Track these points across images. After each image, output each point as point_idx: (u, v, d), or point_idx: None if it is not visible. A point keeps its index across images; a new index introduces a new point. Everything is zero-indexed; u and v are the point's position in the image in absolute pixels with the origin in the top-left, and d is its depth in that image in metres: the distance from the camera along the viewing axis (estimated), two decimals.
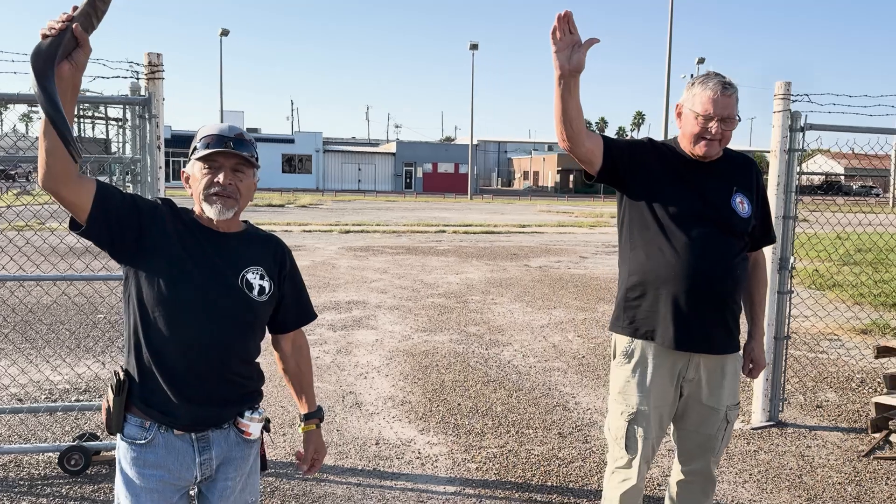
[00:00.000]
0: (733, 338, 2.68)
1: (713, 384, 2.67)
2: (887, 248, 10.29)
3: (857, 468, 4.23)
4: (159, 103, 3.99)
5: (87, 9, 1.71)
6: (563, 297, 9.86)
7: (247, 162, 2.01)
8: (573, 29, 2.29)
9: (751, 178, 2.73)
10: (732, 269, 2.60)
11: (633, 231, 2.67)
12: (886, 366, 6.26)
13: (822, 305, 7.94)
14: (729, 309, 2.62)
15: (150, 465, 1.97)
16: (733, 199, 2.62)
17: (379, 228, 21.07)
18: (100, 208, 1.85)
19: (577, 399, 5.40)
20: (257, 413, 2.09)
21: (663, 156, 2.66)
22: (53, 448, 4.01)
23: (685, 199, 2.59)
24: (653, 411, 2.65)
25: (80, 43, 1.70)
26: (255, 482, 2.18)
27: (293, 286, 2.21)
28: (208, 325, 1.95)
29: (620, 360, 2.71)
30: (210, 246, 2.00)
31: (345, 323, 7.91)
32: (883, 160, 12.04)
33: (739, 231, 2.63)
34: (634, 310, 2.66)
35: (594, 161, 2.57)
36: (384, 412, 5.02)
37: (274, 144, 58.79)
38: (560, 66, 2.32)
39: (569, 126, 2.44)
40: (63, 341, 6.71)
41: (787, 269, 4.88)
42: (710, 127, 2.53)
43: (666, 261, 2.56)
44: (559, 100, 2.40)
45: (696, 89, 2.58)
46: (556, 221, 26.68)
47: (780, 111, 4.80)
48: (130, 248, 1.92)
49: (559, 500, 3.76)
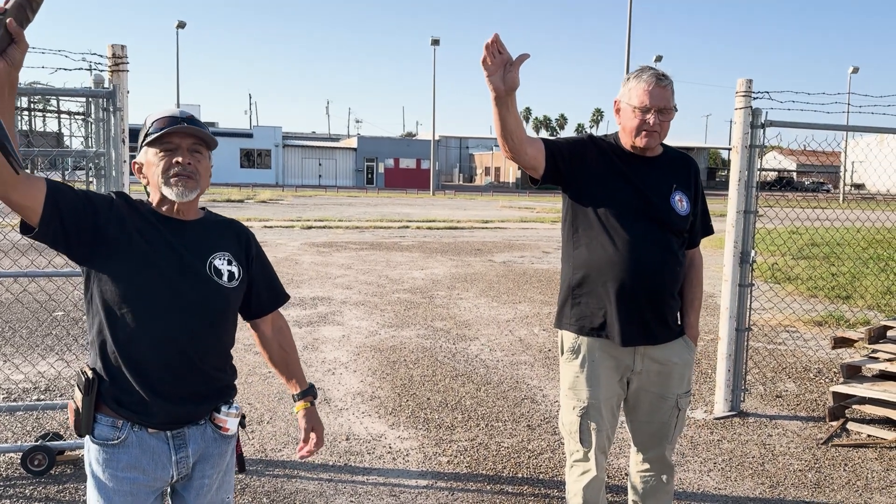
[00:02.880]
0: (671, 329, 2.76)
1: (662, 374, 2.75)
2: (840, 242, 10.59)
3: (816, 455, 4.36)
4: (124, 96, 3.92)
5: (21, 2, 1.57)
6: (528, 292, 9.94)
7: (203, 142, 1.96)
8: (502, 49, 2.29)
9: (689, 176, 2.81)
10: (670, 264, 2.68)
11: (577, 228, 2.73)
12: (843, 356, 6.46)
13: (781, 298, 8.14)
14: (667, 303, 2.71)
15: (124, 466, 1.91)
16: (672, 197, 2.69)
17: (342, 224, 20.95)
18: (52, 209, 1.75)
19: (545, 392, 5.46)
20: (234, 408, 2.05)
21: (604, 152, 2.71)
22: (15, 448, 3.92)
23: (626, 196, 2.65)
24: (603, 404, 2.72)
25: (14, 39, 1.58)
26: (230, 480, 2.15)
27: (262, 268, 2.18)
28: (179, 316, 1.90)
29: (568, 357, 2.77)
30: (172, 235, 1.94)
31: (310, 319, 7.86)
32: (832, 157, 12.40)
33: (678, 228, 2.70)
34: (579, 306, 2.72)
35: (538, 167, 2.61)
36: (353, 408, 5.01)
37: (232, 139, 57.91)
38: (495, 88, 2.33)
39: (510, 139, 2.49)
40: (24, 339, 6.55)
41: (748, 262, 5.00)
42: (648, 118, 2.59)
43: (608, 257, 2.63)
44: (498, 118, 2.43)
45: (631, 83, 2.63)
46: (519, 217, 26.84)
47: (741, 108, 4.91)
48: (88, 246, 1.84)
49: (530, 490, 3.80)
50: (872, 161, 11.62)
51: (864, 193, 44.57)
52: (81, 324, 6.98)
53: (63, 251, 1.86)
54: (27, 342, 6.46)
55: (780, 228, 7.72)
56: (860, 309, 8.93)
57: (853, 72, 50.68)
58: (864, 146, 50.92)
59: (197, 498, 2.04)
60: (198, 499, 2.04)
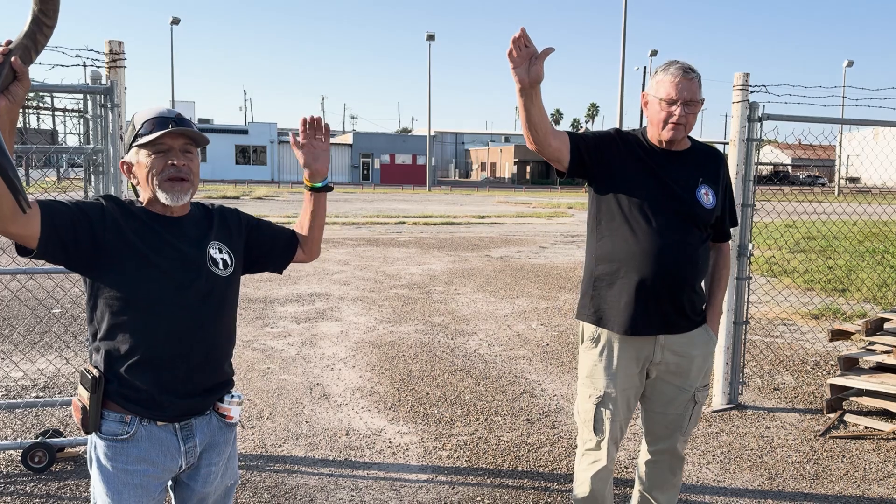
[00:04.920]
0: (692, 319, 2.75)
1: (682, 366, 2.74)
2: (836, 235, 10.62)
3: (814, 447, 4.38)
4: (122, 92, 3.90)
5: (26, 42, 1.61)
6: (525, 287, 9.95)
7: (193, 141, 1.98)
8: (528, 43, 2.34)
9: (717, 170, 2.81)
10: (693, 257, 2.67)
11: (601, 221, 2.73)
12: (840, 348, 6.49)
13: (778, 291, 8.17)
14: (687, 296, 2.70)
15: (134, 459, 1.93)
16: (698, 191, 2.69)
17: (338, 220, 20.93)
18: (49, 231, 1.77)
19: (544, 386, 5.47)
20: (236, 396, 2.10)
21: (629, 146, 2.72)
22: (15, 445, 3.92)
23: (650, 189, 2.65)
24: (620, 394, 2.72)
25: (18, 76, 1.59)
26: (234, 466, 2.20)
27: (260, 231, 2.24)
28: (187, 311, 1.94)
29: (587, 345, 2.77)
30: (168, 233, 1.97)
31: (308, 315, 7.86)
32: (828, 150, 12.42)
33: (702, 222, 2.70)
34: (599, 299, 2.73)
35: (562, 159, 2.64)
36: (353, 403, 5.02)
37: (227, 135, 57.71)
38: (520, 79, 2.38)
39: (535, 130, 2.52)
40: (22, 336, 6.54)
41: (745, 255, 5.01)
42: (674, 111, 2.60)
43: (629, 249, 2.63)
44: (523, 109, 2.47)
45: (658, 76, 2.66)
46: (515, 212, 26.84)
47: (738, 101, 4.92)
48: (87, 257, 1.87)
49: (530, 484, 3.81)
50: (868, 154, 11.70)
51: (860, 187, 44.67)
52: (80, 321, 6.98)
53: (62, 264, 1.88)
54: (26, 339, 6.45)
55: (776, 222, 7.74)
56: (857, 301, 8.96)
57: (848, 65, 50.76)
58: (860, 139, 51.05)
59: (204, 486, 2.08)
60: (205, 486, 2.08)
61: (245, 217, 2.22)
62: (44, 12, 1.61)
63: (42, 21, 1.62)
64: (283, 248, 2.29)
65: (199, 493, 2.08)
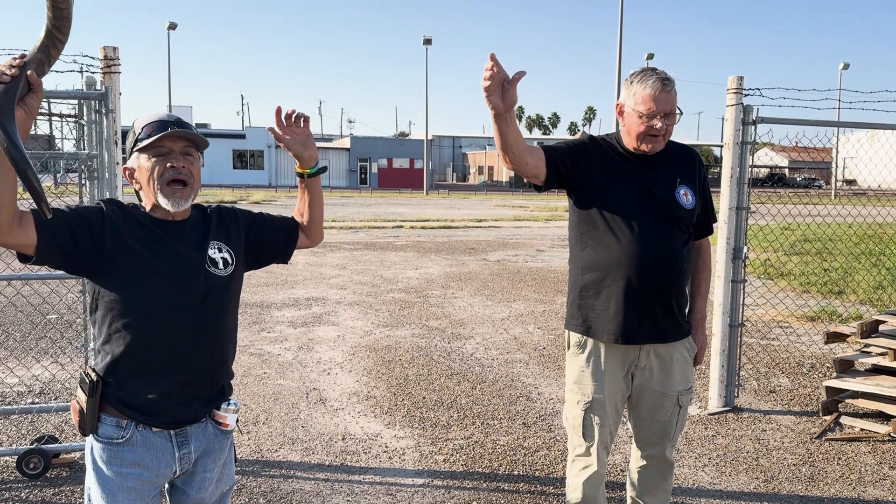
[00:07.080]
0: (681, 326, 2.77)
1: (664, 371, 2.76)
2: (832, 237, 10.65)
3: (810, 450, 4.38)
4: (116, 98, 3.91)
5: (40, 55, 1.65)
6: (522, 290, 9.95)
7: (193, 143, 1.99)
8: (498, 68, 2.33)
9: (694, 169, 2.80)
10: (678, 260, 2.68)
11: (583, 230, 2.73)
12: (836, 351, 6.50)
13: (773, 293, 8.18)
14: (675, 299, 2.71)
15: (129, 463, 1.94)
16: (677, 192, 2.69)
17: (335, 224, 20.93)
18: (47, 238, 1.80)
19: (540, 389, 5.48)
20: (233, 404, 2.11)
21: (605, 153, 2.72)
22: (11, 452, 3.92)
23: (630, 195, 2.65)
24: (607, 399, 2.73)
25: (33, 88, 1.63)
26: (230, 471, 2.20)
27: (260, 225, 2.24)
28: (187, 314, 1.95)
29: (574, 351, 2.78)
30: (170, 237, 1.98)
31: (305, 319, 7.86)
32: (822, 153, 12.46)
33: (684, 222, 2.71)
34: (587, 308, 2.73)
35: (539, 174, 2.65)
36: (349, 407, 5.02)
37: (225, 140, 57.72)
38: (495, 106, 2.38)
39: (511, 152, 2.54)
40: (18, 342, 6.53)
41: (740, 258, 5.03)
42: (654, 123, 2.59)
43: (614, 256, 2.63)
44: (499, 133, 2.48)
45: (635, 88, 2.63)
46: (512, 216, 26.85)
47: (732, 105, 4.93)
48: (87, 262, 1.88)
49: (526, 488, 3.81)
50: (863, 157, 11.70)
51: (856, 189, 44.73)
52: (76, 326, 6.97)
53: (64, 269, 1.90)
54: (21, 345, 6.44)
55: (772, 224, 7.76)
56: (852, 304, 8.98)
57: (843, 68, 50.86)
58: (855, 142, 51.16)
59: (199, 492, 2.08)
60: (200, 492, 2.09)
61: (243, 213, 2.23)
62: (58, 28, 1.64)
63: (56, 37, 1.65)
64: (286, 237, 2.30)
65: (194, 499, 2.09)
